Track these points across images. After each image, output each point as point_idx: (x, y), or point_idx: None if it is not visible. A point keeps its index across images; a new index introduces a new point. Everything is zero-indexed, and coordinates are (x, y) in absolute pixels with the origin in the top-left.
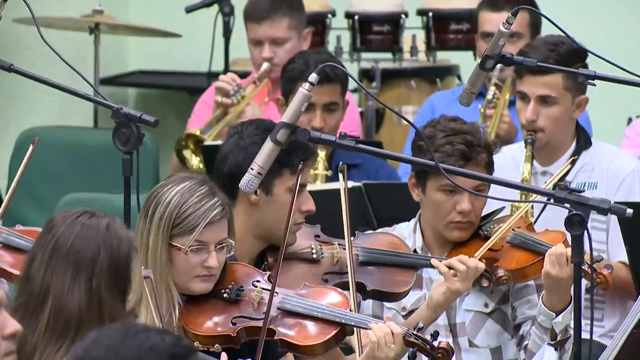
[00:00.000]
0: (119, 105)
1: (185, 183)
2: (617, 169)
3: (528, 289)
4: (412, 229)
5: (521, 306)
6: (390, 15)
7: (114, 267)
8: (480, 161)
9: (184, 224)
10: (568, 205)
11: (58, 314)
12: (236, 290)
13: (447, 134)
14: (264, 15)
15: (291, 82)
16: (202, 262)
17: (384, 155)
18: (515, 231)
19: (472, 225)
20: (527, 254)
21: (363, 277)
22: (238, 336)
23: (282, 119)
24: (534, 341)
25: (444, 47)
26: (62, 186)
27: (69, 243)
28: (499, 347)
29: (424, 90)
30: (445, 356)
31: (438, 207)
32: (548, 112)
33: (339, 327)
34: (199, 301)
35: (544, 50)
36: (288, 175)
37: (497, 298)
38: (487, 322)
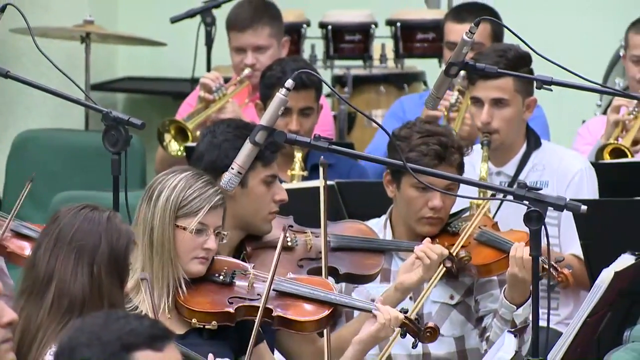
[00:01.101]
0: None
1: (188, 172)
2: (567, 168)
3: (491, 284)
4: (382, 225)
5: (484, 300)
6: (361, 26)
7: (114, 256)
8: (453, 161)
9: (189, 205)
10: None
11: (61, 295)
12: (231, 274)
13: (422, 134)
14: (247, 24)
15: (269, 88)
16: (202, 243)
17: (356, 155)
18: (482, 229)
19: (442, 221)
20: (493, 251)
21: (335, 261)
22: (236, 314)
23: (261, 121)
24: (496, 332)
25: (411, 55)
26: (56, 184)
27: (72, 232)
28: (462, 336)
29: (393, 95)
30: (432, 335)
31: (411, 203)
32: (501, 114)
33: (333, 307)
34: (195, 283)
35: (494, 57)
36: (260, 167)
37: (462, 291)
38: (452, 313)
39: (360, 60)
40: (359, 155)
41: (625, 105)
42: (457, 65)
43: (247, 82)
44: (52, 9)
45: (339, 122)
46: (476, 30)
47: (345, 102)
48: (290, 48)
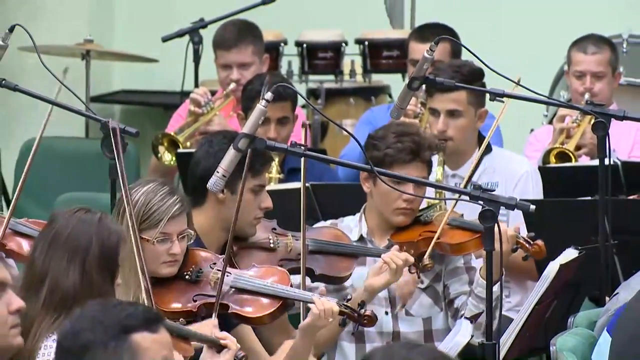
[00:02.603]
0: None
1: (149, 185)
2: (514, 170)
3: (459, 269)
4: (357, 220)
5: (454, 284)
6: (333, 44)
7: (104, 254)
8: (425, 157)
9: (150, 219)
10: (482, 202)
11: (54, 291)
12: (196, 272)
13: (397, 134)
14: (232, 43)
15: (250, 100)
16: (167, 250)
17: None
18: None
19: (414, 212)
20: (465, 232)
21: (312, 263)
22: (199, 311)
23: (243, 130)
24: (471, 310)
25: (377, 71)
26: (59, 187)
27: (66, 233)
28: (430, 317)
29: (361, 107)
30: (369, 322)
31: (387, 196)
32: (456, 123)
33: (282, 301)
34: (165, 283)
35: (450, 72)
36: (250, 178)
37: (430, 277)
38: (421, 296)
39: (332, 75)
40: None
41: (569, 115)
42: (419, 80)
43: (232, 96)
44: (55, 29)
45: (313, 130)
46: (436, 48)
47: (318, 113)
48: (269, 64)
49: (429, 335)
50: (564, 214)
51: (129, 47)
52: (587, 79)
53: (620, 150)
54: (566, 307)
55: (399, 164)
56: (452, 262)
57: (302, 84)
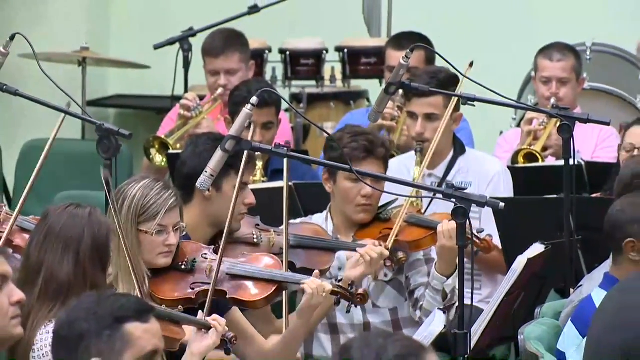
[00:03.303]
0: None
1: (145, 181)
2: (487, 170)
3: (419, 262)
4: (324, 218)
5: (414, 276)
6: (314, 52)
7: (96, 245)
8: (379, 154)
9: (148, 212)
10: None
11: (50, 281)
12: (191, 262)
13: (352, 135)
14: (220, 51)
15: (237, 105)
16: (164, 241)
17: (310, 161)
18: (409, 214)
19: (374, 209)
20: (421, 230)
21: (293, 257)
22: (197, 298)
23: (230, 132)
24: (429, 302)
25: (356, 76)
26: (57, 185)
27: (59, 227)
28: (396, 307)
29: (341, 110)
30: (362, 300)
31: (347, 194)
32: (432, 126)
33: (277, 284)
34: (162, 274)
35: (427, 78)
36: (234, 175)
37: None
38: (387, 289)
39: (314, 80)
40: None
41: (536, 118)
42: (395, 85)
43: (220, 100)
44: (54, 38)
45: (295, 132)
46: (411, 55)
47: (301, 116)
48: (255, 70)
49: (397, 324)
50: (532, 211)
51: (123, 54)
52: (553, 84)
53: (584, 151)
54: (533, 298)
55: (355, 162)
56: (413, 255)
57: (285, 89)
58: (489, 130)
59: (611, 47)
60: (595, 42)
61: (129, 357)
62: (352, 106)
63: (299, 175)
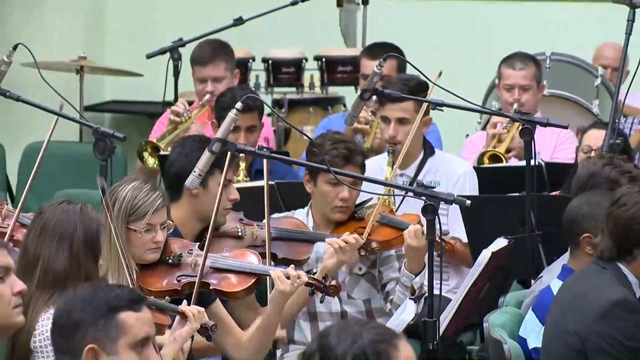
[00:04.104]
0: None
1: (134, 183)
2: (454, 170)
3: (391, 257)
4: (305, 213)
5: (386, 270)
6: (294, 61)
7: (88, 238)
8: (357, 162)
9: (137, 212)
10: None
11: (47, 272)
12: (177, 257)
13: (333, 142)
14: (207, 60)
15: (223, 110)
16: (152, 238)
17: (290, 161)
18: (382, 214)
19: (349, 209)
20: (392, 230)
21: (275, 249)
22: (183, 289)
23: (216, 135)
24: (398, 296)
25: (333, 84)
26: (56, 184)
27: (53, 222)
28: (369, 299)
29: (319, 115)
30: (335, 291)
31: (325, 196)
32: (404, 129)
33: (256, 277)
34: (150, 267)
35: (399, 85)
36: (218, 174)
37: (367, 264)
38: (361, 281)
39: (294, 87)
40: (293, 161)
41: (500, 122)
42: (370, 92)
43: (208, 106)
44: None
45: (277, 135)
46: (384, 64)
47: (282, 120)
48: (239, 78)
49: (370, 314)
50: (496, 208)
51: (118, 63)
52: (515, 91)
53: (544, 152)
54: (497, 288)
55: (335, 168)
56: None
57: (268, 95)
58: (456, 133)
59: (569, 56)
60: (554, 51)
61: (122, 343)
62: (330, 111)
63: (280, 174)
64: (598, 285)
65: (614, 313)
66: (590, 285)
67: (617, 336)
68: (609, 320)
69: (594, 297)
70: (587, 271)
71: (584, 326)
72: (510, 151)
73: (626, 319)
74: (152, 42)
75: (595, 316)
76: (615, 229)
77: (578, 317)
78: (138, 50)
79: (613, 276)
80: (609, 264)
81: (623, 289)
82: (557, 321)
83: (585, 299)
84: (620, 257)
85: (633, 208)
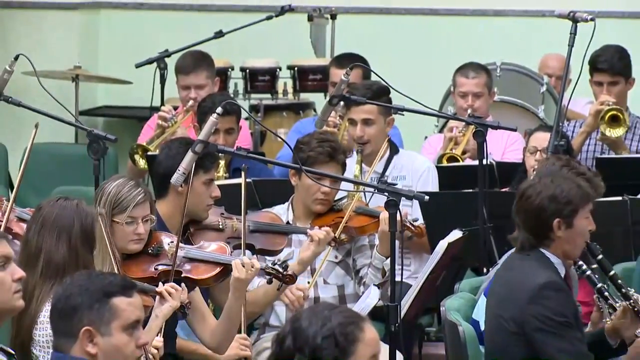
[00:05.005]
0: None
1: (119, 180)
2: (417, 167)
3: (364, 247)
4: (285, 208)
5: (360, 258)
6: (269, 70)
7: (84, 230)
8: (339, 160)
9: (120, 205)
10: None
11: (48, 263)
12: (157, 248)
13: (319, 140)
14: (191, 69)
15: (204, 114)
16: (134, 230)
17: (266, 161)
18: (358, 206)
19: (329, 202)
20: (367, 218)
21: (253, 240)
22: (159, 277)
23: (199, 137)
24: (370, 278)
25: (304, 90)
26: (54, 181)
27: (52, 217)
28: (343, 285)
29: (292, 119)
30: (291, 280)
31: (309, 189)
32: (370, 130)
33: (223, 266)
34: (133, 257)
35: (363, 90)
36: (202, 173)
37: (343, 253)
38: (336, 268)
39: (269, 94)
40: (269, 160)
41: (456, 127)
42: (337, 98)
43: (192, 111)
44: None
45: (254, 137)
46: (351, 72)
47: (258, 124)
48: (220, 85)
49: (343, 299)
50: (452, 203)
51: (110, 72)
52: (469, 97)
53: (495, 153)
54: (453, 276)
55: (319, 164)
56: (360, 241)
57: (245, 101)
58: (415, 136)
59: (517, 66)
60: (503, 61)
61: (115, 325)
62: (301, 115)
63: (256, 173)
64: (525, 273)
65: (543, 294)
66: (518, 273)
67: (548, 314)
68: (539, 302)
69: (523, 283)
70: (514, 261)
71: (518, 311)
72: (466, 152)
73: (553, 298)
74: (141, 52)
75: (526, 300)
76: (528, 220)
77: (511, 304)
78: (128, 60)
79: (537, 262)
80: (532, 251)
81: (547, 272)
82: (493, 310)
83: (515, 286)
84: (539, 243)
85: (538, 198)
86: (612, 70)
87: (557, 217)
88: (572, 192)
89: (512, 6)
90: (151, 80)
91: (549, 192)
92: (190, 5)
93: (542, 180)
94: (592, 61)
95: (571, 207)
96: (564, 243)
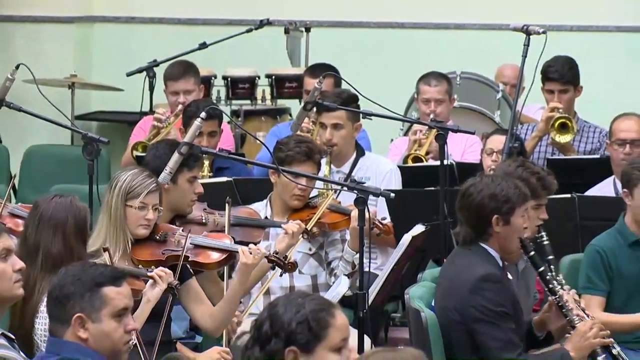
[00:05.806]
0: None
1: (134, 170)
2: (381, 168)
3: (336, 241)
4: (264, 205)
5: (332, 251)
6: (249, 78)
7: (78, 225)
8: (316, 159)
9: (134, 191)
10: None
11: (47, 257)
12: (164, 235)
13: (297, 141)
14: (179, 76)
15: (189, 119)
16: (144, 215)
17: (246, 161)
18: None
19: (305, 198)
20: (339, 215)
21: (233, 233)
22: (167, 261)
23: (184, 140)
24: (341, 270)
25: (281, 97)
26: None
27: (49, 214)
28: (316, 275)
29: (270, 123)
30: (292, 268)
31: (287, 186)
32: (339, 134)
33: (228, 253)
34: (141, 242)
35: (333, 97)
36: (186, 171)
37: (316, 245)
38: (310, 260)
39: (249, 100)
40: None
41: (420, 130)
42: (311, 104)
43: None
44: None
45: (235, 140)
46: (323, 81)
47: (239, 127)
48: (204, 92)
49: (316, 288)
50: (415, 200)
51: (103, 80)
52: (431, 103)
53: (455, 154)
54: (416, 266)
55: (297, 162)
56: (332, 235)
57: (227, 107)
58: (382, 139)
59: (475, 75)
60: (463, 71)
61: (105, 313)
62: (278, 120)
63: (236, 172)
64: (466, 266)
65: (482, 286)
66: (461, 266)
67: (487, 304)
68: (478, 293)
69: (464, 276)
70: (457, 255)
71: (460, 302)
72: (429, 153)
73: (491, 290)
74: (131, 62)
75: (467, 291)
76: (469, 217)
77: (454, 295)
78: (120, 69)
79: (478, 255)
80: (473, 246)
81: (487, 265)
82: (440, 302)
83: (458, 279)
84: (479, 238)
85: (478, 196)
86: (563, 79)
87: (496, 214)
88: (510, 192)
89: (472, 20)
90: (141, 87)
91: (489, 191)
92: (177, 19)
93: (484, 180)
94: (544, 71)
95: (509, 205)
96: (501, 238)
